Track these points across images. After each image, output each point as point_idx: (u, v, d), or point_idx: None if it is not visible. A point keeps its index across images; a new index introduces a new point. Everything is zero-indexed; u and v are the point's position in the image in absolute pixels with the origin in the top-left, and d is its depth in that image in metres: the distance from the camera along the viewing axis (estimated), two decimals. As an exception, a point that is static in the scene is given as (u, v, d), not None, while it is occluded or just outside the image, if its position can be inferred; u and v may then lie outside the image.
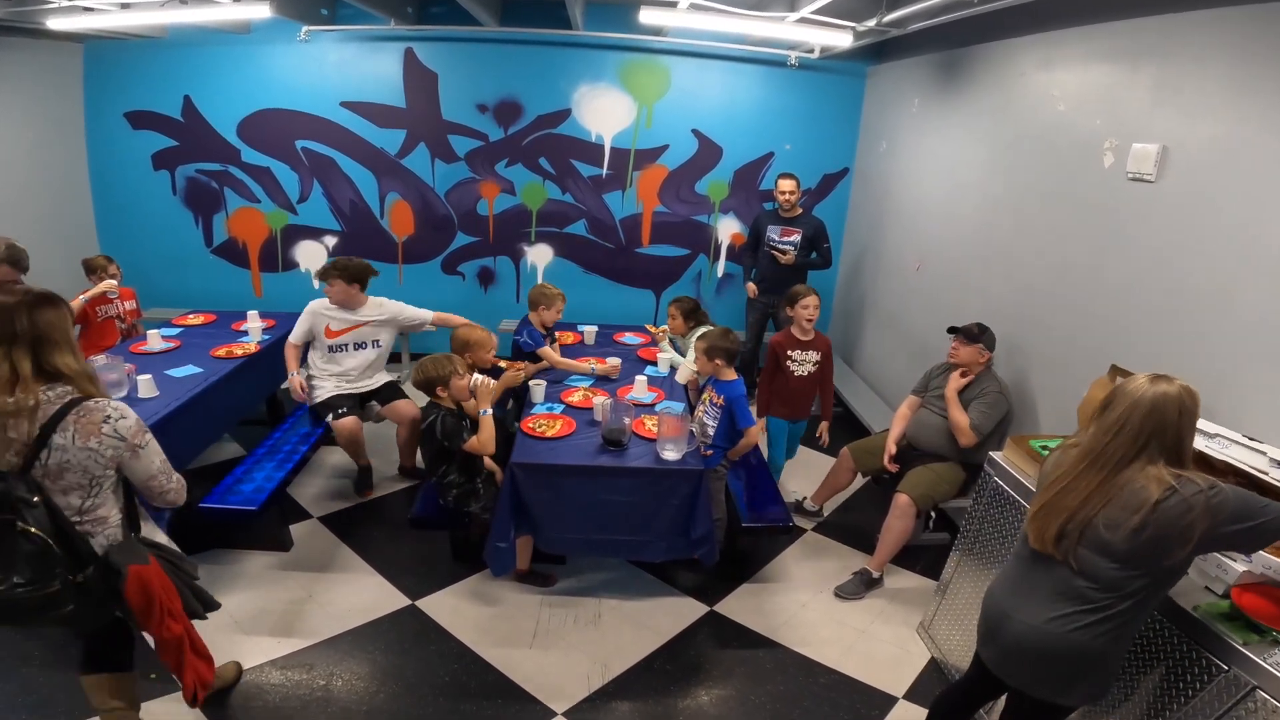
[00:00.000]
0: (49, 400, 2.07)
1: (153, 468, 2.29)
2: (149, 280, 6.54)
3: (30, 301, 2.09)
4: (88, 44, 6.11)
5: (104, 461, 2.17)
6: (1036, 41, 4.12)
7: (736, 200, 6.87)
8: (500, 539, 3.48)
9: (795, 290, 4.35)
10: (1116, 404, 1.97)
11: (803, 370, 4.38)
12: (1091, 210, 3.61)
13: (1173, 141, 3.12)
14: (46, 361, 2.10)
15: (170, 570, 2.41)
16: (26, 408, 2.03)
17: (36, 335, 2.08)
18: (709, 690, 3.30)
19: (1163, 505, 1.87)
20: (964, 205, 4.83)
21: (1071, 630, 2.04)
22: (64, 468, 2.11)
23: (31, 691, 2.99)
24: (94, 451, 2.13)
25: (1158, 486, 1.89)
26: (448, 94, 6.44)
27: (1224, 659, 2.03)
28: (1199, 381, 2.00)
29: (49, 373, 2.11)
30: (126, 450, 2.20)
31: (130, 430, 2.20)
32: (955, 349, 3.99)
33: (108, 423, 2.14)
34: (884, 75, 6.29)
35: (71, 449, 2.09)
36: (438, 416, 3.52)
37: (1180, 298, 3.07)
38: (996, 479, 3.09)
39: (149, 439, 2.28)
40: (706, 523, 3.52)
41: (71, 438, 2.08)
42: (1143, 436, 1.93)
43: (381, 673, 3.27)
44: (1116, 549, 1.95)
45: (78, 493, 2.17)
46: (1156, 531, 1.89)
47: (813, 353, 4.38)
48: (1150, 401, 1.91)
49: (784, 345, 4.37)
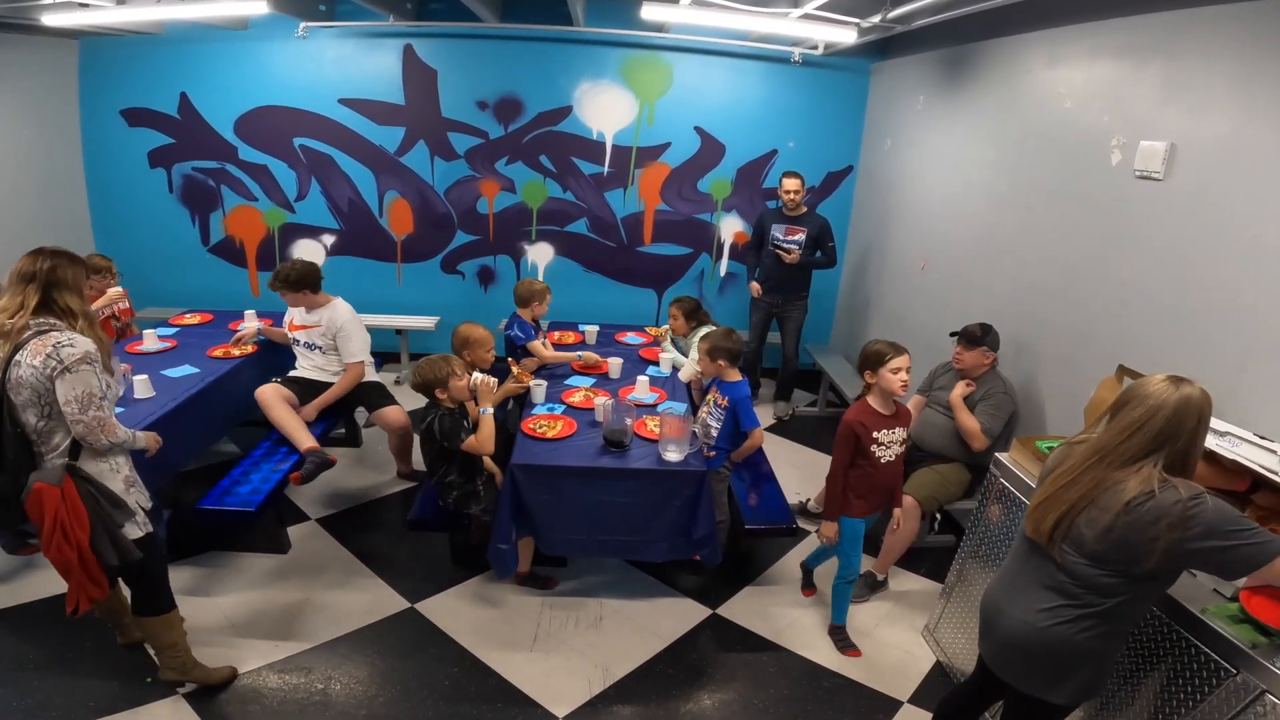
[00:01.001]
0: (31, 328, 2.47)
1: (71, 393, 2.46)
2: (145, 279, 6.55)
3: (50, 252, 2.55)
4: (83, 40, 6.13)
5: (44, 380, 2.44)
6: (1042, 38, 4.12)
7: (739, 198, 6.88)
8: (502, 540, 3.49)
9: (876, 349, 3.23)
10: (1137, 404, 1.95)
11: (890, 454, 3.31)
12: (1099, 208, 3.61)
13: (1181, 139, 3.12)
14: (56, 301, 2.52)
15: (90, 504, 2.55)
16: (15, 329, 2.45)
17: (49, 280, 2.51)
18: (711, 694, 3.31)
19: (1135, 507, 1.89)
20: (970, 203, 4.84)
21: (1056, 625, 2.07)
22: (20, 383, 2.44)
23: (28, 695, 3.01)
24: (36, 370, 2.42)
25: (1137, 488, 1.89)
26: (447, 91, 6.44)
27: (1232, 662, 2.03)
28: (1208, 380, 2.00)
29: (58, 310, 2.53)
30: (56, 371, 2.43)
31: (70, 356, 2.44)
32: (959, 354, 3.99)
33: (56, 347, 2.43)
34: (889, 72, 6.29)
35: (24, 365, 2.43)
36: (435, 416, 3.52)
37: (1189, 297, 3.07)
38: (1003, 480, 3.09)
39: (84, 370, 2.47)
40: (709, 525, 3.52)
41: (28, 355, 2.43)
42: (1159, 439, 1.91)
43: (380, 677, 3.27)
44: (1087, 546, 1.99)
45: (33, 410, 2.49)
46: (1123, 534, 1.91)
47: (900, 429, 3.32)
48: (1174, 405, 1.90)
49: (867, 425, 3.24)
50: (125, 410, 3.63)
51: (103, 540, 2.57)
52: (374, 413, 4.60)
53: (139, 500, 2.76)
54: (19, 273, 2.52)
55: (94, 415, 2.51)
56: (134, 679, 3.12)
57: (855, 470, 3.31)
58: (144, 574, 2.82)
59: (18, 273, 2.52)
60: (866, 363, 3.24)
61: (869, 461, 3.28)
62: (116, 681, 3.10)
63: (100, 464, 2.63)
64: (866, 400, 3.30)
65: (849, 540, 3.43)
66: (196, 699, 3.05)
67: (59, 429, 2.54)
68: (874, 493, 3.37)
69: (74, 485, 2.51)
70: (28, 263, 2.52)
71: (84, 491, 2.53)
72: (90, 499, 2.55)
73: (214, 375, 4.23)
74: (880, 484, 3.36)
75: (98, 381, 2.52)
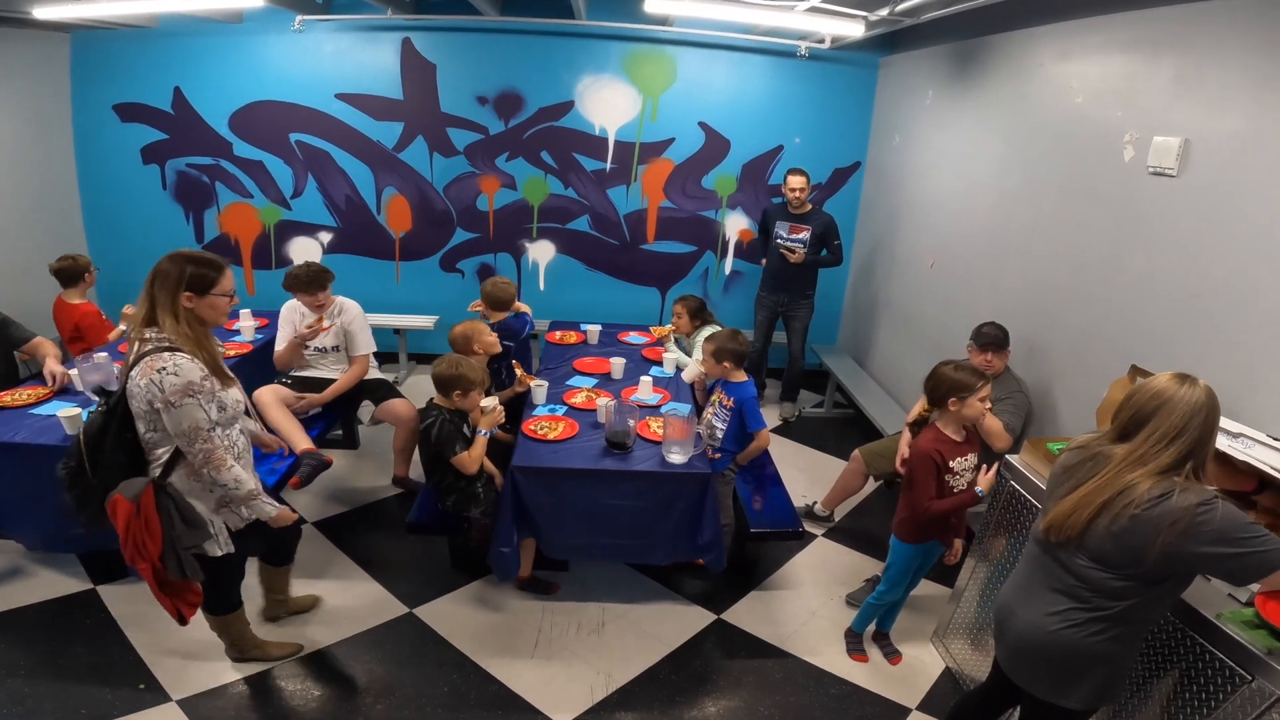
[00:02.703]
0: (149, 341, 2.53)
1: (178, 427, 2.52)
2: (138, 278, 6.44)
3: (168, 257, 2.59)
4: (75, 34, 6.14)
5: (144, 405, 2.51)
6: (1054, 31, 4.13)
7: (745, 195, 6.89)
8: (504, 544, 3.50)
9: (961, 379, 3.01)
10: (1168, 410, 1.94)
11: (963, 482, 3.13)
12: (1111, 205, 3.61)
13: (1195, 134, 3.13)
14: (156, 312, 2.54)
15: (165, 521, 2.57)
16: (137, 339, 2.55)
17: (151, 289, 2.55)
18: (716, 701, 3.32)
19: (1148, 508, 1.90)
20: (980, 200, 4.84)
21: (1066, 628, 2.09)
22: (130, 393, 2.52)
23: (18, 702, 3.03)
24: (141, 389, 2.48)
25: (1154, 488, 1.91)
26: (446, 86, 6.46)
27: (1248, 668, 2.04)
28: (1222, 381, 2.02)
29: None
30: (160, 402, 2.48)
31: (171, 388, 2.47)
32: (990, 361, 3.91)
33: (160, 374, 2.46)
34: (897, 66, 6.30)
35: (134, 380, 2.49)
36: (437, 420, 3.51)
37: (1203, 295, 3.08)
38: (1013, 483, 3.10)
39: (187, 404, 2.50)
40: (714, 528, 3.53)
41: (138, 372, 2.48)
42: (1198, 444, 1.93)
43: (378, 683, 3.28)
44: (1094, 546, 2.01)
45: (143, 421, 2.56)
46: (1132, 535, 1.93)
47: (972, 456, 3.15)
48: (1206, 408, 1.92)
49: (943, 454, 3.05)
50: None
51: (170, 557, 2.60)
52: (381, 406, 4.63)
53: (229, 520, 2.80)
54: (149, 276, 2.57)
55: (200, 448, 2.57)
56: (127, 685, 3.14)
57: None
58: (215, 582, 2.85)
59: (149, 276, 2.57)
60: (953, 390, 3.01)
61: (942, 493, 3.08)
62: (109, 688, 3.11)
63: (194, 482, 2.66)
64: (938, 427, 3.12)
65: (899, 568, 3.33)
66: (191, 705, 3.06)
67: (165, 441, 2.60)
68: (939, 523, 3.19)
69: (153, 501, 2.55)
70: (158, 265, 2.58)
71: (163, 508, 2.57)
72: (167, 516, 2.58)
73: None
74: (952, 515, 3.18)
75: (203, 414, 2.55)
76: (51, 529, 3.50)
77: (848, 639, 3.67)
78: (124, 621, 3.50)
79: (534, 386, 4.20)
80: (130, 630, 3.45)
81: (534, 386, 4.20)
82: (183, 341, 2.54)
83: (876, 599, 3.50)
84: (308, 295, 4.38)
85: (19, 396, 3.71)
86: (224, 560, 2.80)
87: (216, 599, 3.01)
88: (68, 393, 3.85)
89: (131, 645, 3.36)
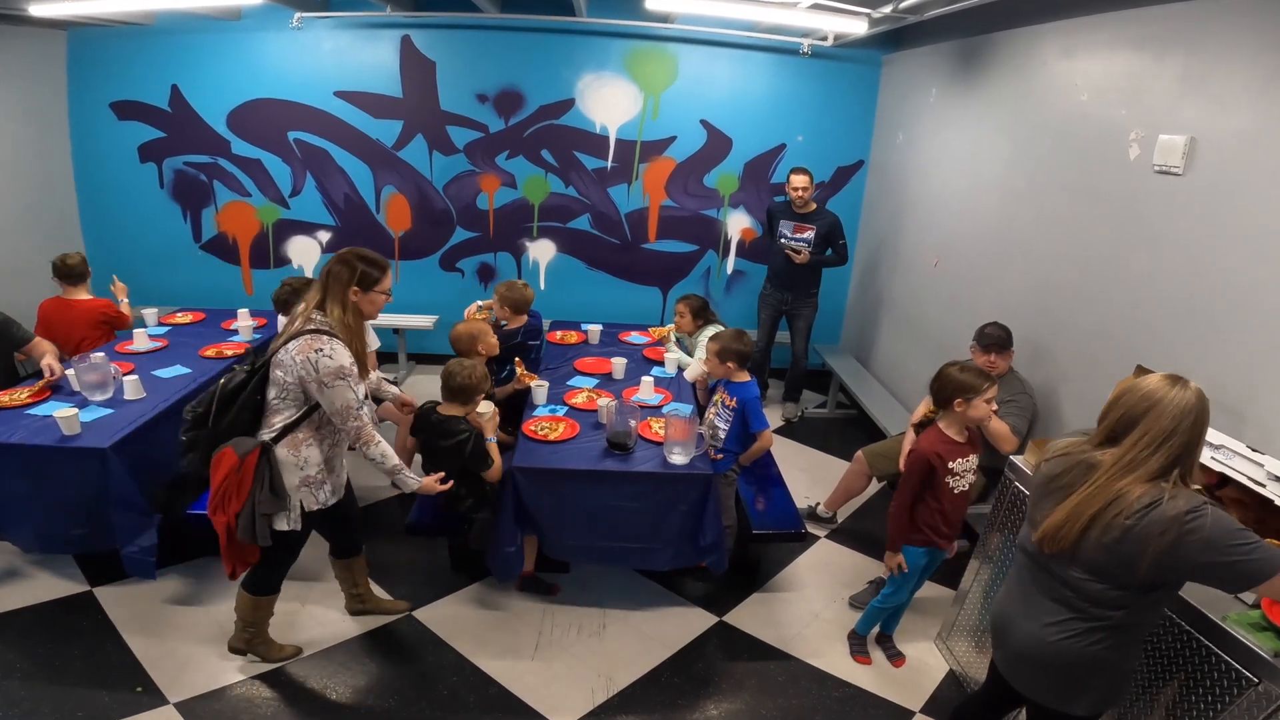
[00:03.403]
0: (312, 322, 2.81)
1: (332, 406, 2.83)
2: (135, 277, 6.50)
3: (342, 253, 2.90)
4: (71, 31, 6.15)
5: (294, 377, 2.78)
6: (1058, 29, 4.13)
7: (747, 194, 6.89)
8: (508, 544, 3.51)
9: (966, 381, 3.02)
10: (1158, 412, 1.90)
11: (964, 484, 3.16)
12: (1116, 204, 3.61)
13: (1201, 133, 3.12)
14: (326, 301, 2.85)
15: (255, 484, 2.79)
16: (303, 317, 2.84)
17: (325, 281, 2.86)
18: (718, 704, 3.32)
19: (1139, 517, 1.87)
20: (984, 199, 4.84)
21: (1065, 638, 2.07)
22: (277, 363, 2.80)
23: (15, 704, 3.03)
24: (295, 362, 2.76)
25: (1144, 496, 1.88)
26: (446, 83, 6.46)
27: (1254, 671, 2.04)
28: (1227, 383, 2.01)
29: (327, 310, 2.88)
30: (313, 381, 2.76)
31: (324, 368, 2.74)
32: (994, 362, 3.91)
33: (317, 353, 2.74)
34: (900, 64, 6.30)
35: (289, 351, 2.77)
36: (470, 436, 3.46)
37: (1209, 296, 3.08)
38: (1017, 484, 3.10)
39: (338, 385, 2.79)
40: (716, 530, 3.53)
41: (295, 346, 2.76)
42: (1186, 448, 1.90)
43: (377, 685, 3.29)
44: (1087, 558, 1.98)
45: (276, 387, 2.83)
46: (1124, 545, 1.89)
47: (973, 457, 3.16)
48: (1197, 411, 1.88)
49: (943, 455, 3.07)
50: (115, 412, 3.66)
51: (246, 517, 2.80)
52: (382, 405, 4.61)
53: (306, 500, 2.97)
54: (325, 267, 2.90)
55: (353, 425, 2.89)
56: (124, 688, 3.14)
57: (922, 505, 3.17)
58: (267, 559, 3.04)
59: (325, 267, 2.90)
60: (956, 392, 3.02)
61: (938, 493, 3.13)
62: (106, 691, 3.12)
63: (291, 455, 2.90)
64: (940, 427, 3.13)
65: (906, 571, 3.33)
66: (189, 709, 3.07)
67: (284, 410, 2.86)
68: (941, 525, 3.20)
69: (254, 463, 2.78)
70: (334, 259, 2.90)
71: (259, 472, 2.79)
72: (259, 480, 2.79)
73: (206, 376, 4.24)
74: (951, 516, 3.19)
75: (353, 394, 2.84)
76: (48, 530, 3.50)
77: (851, 642, 3.67)
78: (121, 624, 3.50)
79: (535, 387, 4.20)
80: (127, 633, 3.45)
81: (535, 387, 4.20)
82: (342, 330, 2.83)
83: (881, 602, 3.50)
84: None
85: (16, 396, 3.72)
86: (286, 537, 2.96)
87: (262, 575, 3.14)
88: (62, 391, 3.86)
89: (129, 648, 3.36)
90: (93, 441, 3.36)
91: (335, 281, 2.83)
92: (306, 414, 2.88)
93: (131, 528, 3.40)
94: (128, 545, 3.41)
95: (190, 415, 2.89)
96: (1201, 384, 1.94)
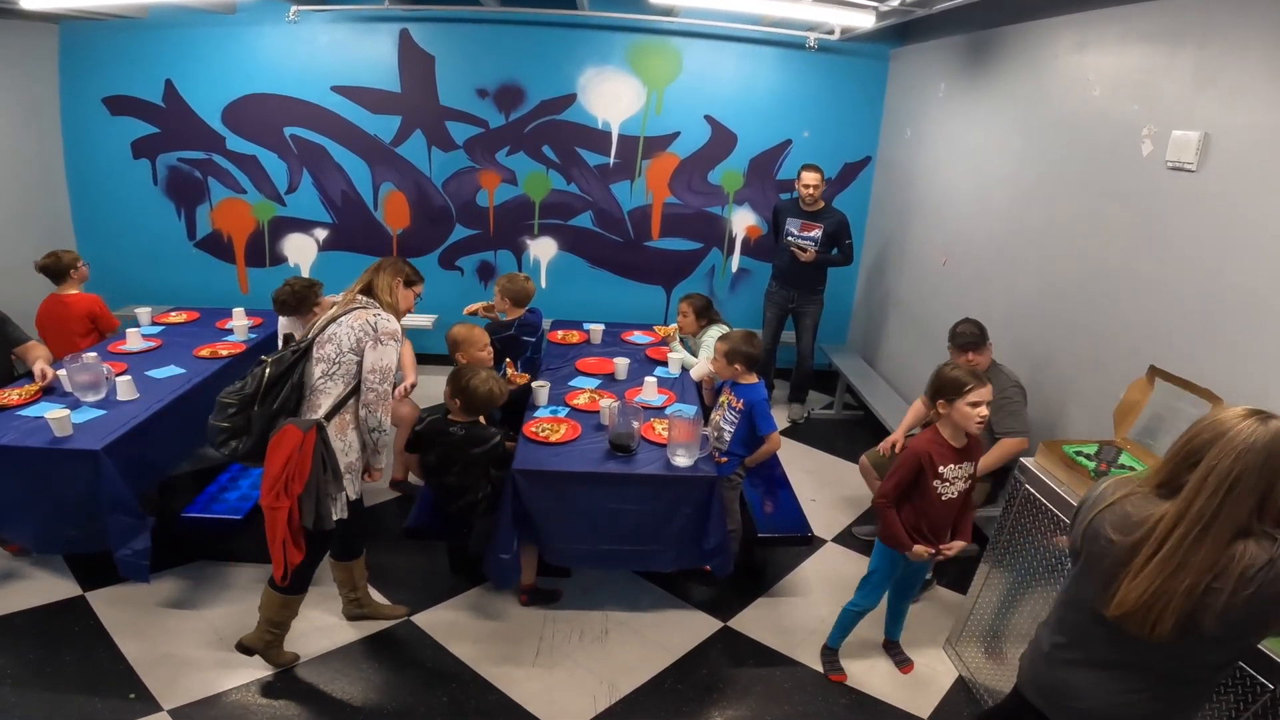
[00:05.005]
0: (358, 302, 3.10)
1: (378, 364, 3.01)
2: (128, 275, 6.61)
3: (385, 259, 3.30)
4: (63, 25, 6.16)
5: (352, 341, 2.99)
6: (1070, 22, 4.13)
7: (752, 191, 6.89)
8: (504, 550, 3.50)
9: (954, 377, 2.99)
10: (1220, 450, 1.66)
11: (953, 491, 3.08)
12: (1128, 201, 3.61)
13: (1215, 128, 3.12)
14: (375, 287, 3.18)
15: (317, 463, 2.90)
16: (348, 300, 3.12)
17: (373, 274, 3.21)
18: (723, 711, 3.33)
19: (1253, 579, 1.64)
20: (993, 196, 4.84)
21: (1150, 701, 1.88)
22: (328, 338, 3.00)
23: (6, 711, 3.05)
24: (351, 330, 2.99)
25: (1253, 557, 1.64)
26: (445, 78, 6.47)
27: (1269, 677, 2.04)
28: (1242, 386, 1.98)
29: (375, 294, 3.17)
30: (369, 339, 2.99)
31: (383, 329, 3.03)
32: (973, 360, 3.91)
33: (376, 316, 3.03)
34: (908, 58, 6.30)
35: (345, 325, 3.00)
36: (501, 439, 3.57)
37: (1224, 295, 3.07)
38: (1028, 486, 3.10)
39: (391, 345, 3.05)
40: (720, 533, 3.54)
41: (350, 318, 3.01)
42: (1261, 491, 1.65)
43: (375, 692, 3.30)
44: (1195, 635, 1.71)
45: (322, 365, 3.00)
46: (1247, 611, 1.66)
47: (967, 464, 3.09)
48: (1266, 445, 1.63)
49: (933, 458, 3.03)
50: (108, 413, 3.67)
51: (310, 500, 2.91)
52: None
53: (349, 487, 3.11)
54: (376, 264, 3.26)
55: (384, 389, 3.04)
56: (116, 695, 3.15)
57: (907, 504, 3.11)
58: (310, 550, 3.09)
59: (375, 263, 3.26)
60: (941, 390, 3.00)
61: (926, 497, 3.06)
62: (98, 698, 3.13)
63: (340, 439, 3.04)
64: (937, 429, 3.08)
65: (881, 572, 3.32)
66: (183, 716, 3.08)
67: (331, 392, 3.01)
68: (924, 530, 3.12)
69: (314, 440, 2.89)
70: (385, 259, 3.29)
71: (318, 450, 2.90)
72: (319, 459, 2.91)
73: (200, 376, 4.26)
74: (934, 522, 3.11)
75: (395, 360, 3.07)
76: (44, 530, 3.53)
77: (824, 658, 3.57)
78: (114, 629, 3.52)
79: (536, 387, 4.21)
80: (120, 638, 3.46)
81: (536, 387, 4.21)
82: (388, 310, 3.13)
83: (854, 607, 3.44)
84: (299, 318, 4.41)
85: (9, 397, 3.73)
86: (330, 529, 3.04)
87: (295, 572, 3.10)
88: (54, 392, 3.87)
89: (121, 653, 3.38)
90: (85, 443, 3.37)
91: (387, 270, 3.20)
92: (353, 392, 3.04)
93: (125, 530, 3.40)
94: (121, 548, 3.41)
95: (235, 399, 2.97)
96: (1214, 386, 1.86)
